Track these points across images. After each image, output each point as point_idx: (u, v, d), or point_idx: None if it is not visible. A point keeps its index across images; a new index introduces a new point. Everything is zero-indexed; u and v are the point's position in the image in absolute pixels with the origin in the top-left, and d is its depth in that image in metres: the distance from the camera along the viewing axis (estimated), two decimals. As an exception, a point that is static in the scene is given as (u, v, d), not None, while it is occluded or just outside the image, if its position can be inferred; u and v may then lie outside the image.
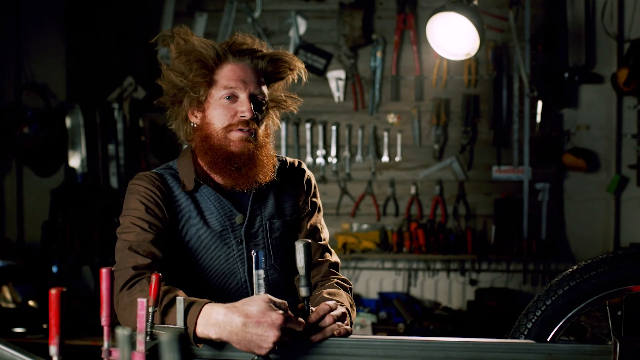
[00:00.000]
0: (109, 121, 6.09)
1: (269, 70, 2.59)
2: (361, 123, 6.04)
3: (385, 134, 6.02)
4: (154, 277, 1.99)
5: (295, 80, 2.71)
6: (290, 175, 2.75)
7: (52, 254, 5.81)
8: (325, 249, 2.75)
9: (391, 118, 6.01)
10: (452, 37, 5.04)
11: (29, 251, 5.95)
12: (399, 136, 6.02)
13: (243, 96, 2.48)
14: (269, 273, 2.58)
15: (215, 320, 2.02)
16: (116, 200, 5.99)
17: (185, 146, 2.74)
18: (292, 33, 5.97)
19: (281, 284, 2.56)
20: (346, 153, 6.03)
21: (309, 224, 2.73)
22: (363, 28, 5.90)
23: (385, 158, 6.03)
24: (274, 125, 2.69)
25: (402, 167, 6.05)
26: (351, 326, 2.33)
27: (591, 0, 5.87)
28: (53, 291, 1.51)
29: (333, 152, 6.03)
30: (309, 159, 5.99)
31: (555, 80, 5.80)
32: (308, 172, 2.83)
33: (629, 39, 5.73)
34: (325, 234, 2.80)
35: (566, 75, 5.76)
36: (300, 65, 2.66)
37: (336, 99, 6.00)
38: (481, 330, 5.41)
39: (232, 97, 2.48)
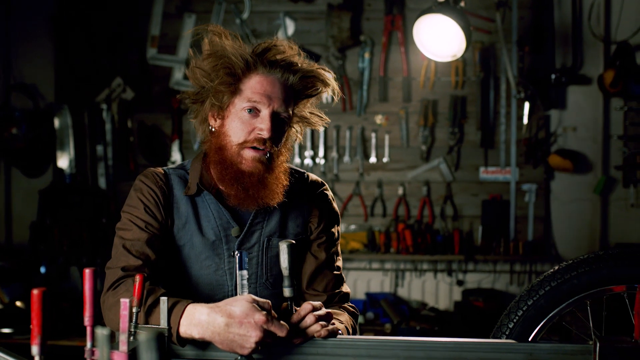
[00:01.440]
0: (97, 122, 6.10)
1: (299, 87, 2.49)
2: (349, 124, 6.06)
3: (373, 135, 6.03)
4: (137, 278, 1.99)
5: (329, 100, 2.65)
6: (307, 193, 2.67)
7: (40, 254, 5.81)
8: (339, 279, 2.69)
9: (379, 119, 6.02)
10: (439, 39, 5.07)
11: (17, 252, 5.95)
12: (386, 137, 6.04)
13: (265, 113, 2.39)
14: (258, 291, 2.52)
15: (198, 320, 2.02)
16: (105, 201, 6.00)
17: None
18: (280, 34, 5.98)
19: (272, 305, 2.48)
20: (334, 154, 6.04)
21: (326, 253, 2.66)
22: (351, 29, 5.92)
23: (373, 159, 6.04)
24: (298, 140, 2.64)
25: (390, 168, 6.07)
26: None
27: (578, 2, 5.89)
28: (35, 291, 1.52)
29: (321, 153, 6.04)
30: (297, 160, 6.00)
31: (542, 82, 5.83)
32: (330, 196, 2.73)
33: (615, 41, 5.75)
34: (340, 262, 2.73)
35: (553, 76, 5.78)
36: (334, 85, 2.55)
37: (324, 100, 5.97)
38: (468, 331, 5.42)
39: (254, 111, 2.39)
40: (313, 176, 2.75)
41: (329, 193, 2.74)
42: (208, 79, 2.42)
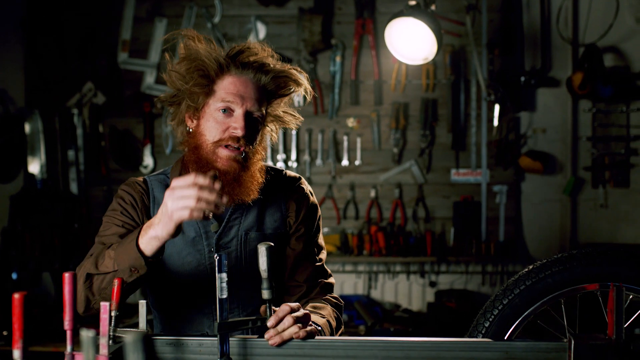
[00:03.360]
0: (68, 127, 6.06)
1: (271, 87, 2.55)
2: (321, 127, 6.07)
3: (345, 138, 6.06)
4: (116, 282, 2.00)
5: (302, 103, 2.68)
6: (284, 189, 2.72)
7: (11, 260, 5.76)
8: (320, 271, 2.73)
9: (351, 122, 6.05)
10: (410, 42, 5.08)
11: (-12, 258, 5.90)
12: (358, 140, 6.06)
13: (239, 112, 2.45)
14: (240, 285, 2.56)
15: (150, 222, 2.21)
16: (76, 206, 5.97)
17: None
18: (251, 38, 5.98)
19: (254, 297, 2.55)
20: (306, 157, 6.05)
21: (305, 247, 2.71)
22: (322, 33, 5.94)
23: (345, 162, 6.06)
24: (272, 139, 2.68)
25: (362, 171, 6.09)
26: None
27: (547, 5, 5.95)
28: (16, 295, 1.52)
29: (293, 156, 6.05)
30: (270, 163, 5.96)
31: (512, 84, 5.87)
32: (307, 190, 2.78)
33: (583, 43, 5.81)
34: (323, 254, 2.79)
35: (523, 79, 5.83)
36: (306, 84, 2.62)
37: (296, 104, 5.95)
38: (441, 331, 5.45)
39: (228, 111, 2.45)
40: (290, 172, 2.81)
41: (306, 186, 2.80)
42: (183, 81, 2.47)
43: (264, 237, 2.61)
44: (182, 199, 2.07)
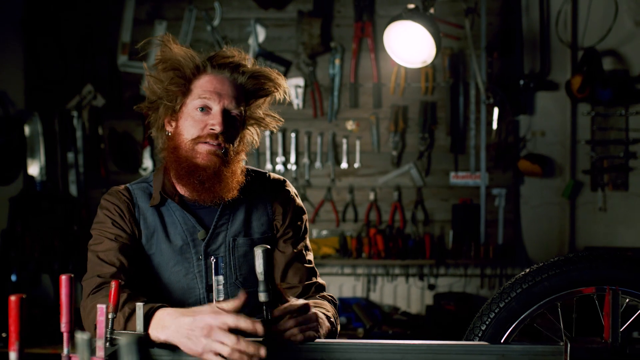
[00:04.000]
0: (68, 129, 6.06)
1: (249, 87, 2.55)
2: (320, 130, 6.08)
3: (344, 140, 6.06)
4: (113, 284, 2.00)
5: (281, 100, 2.69)
6: (269, 192, 2.71)
7: (11, 262, 5.76)
8: (312, 272, 2.73)
9: (350, 125, 6.05)
10: (409, 45, 5.08)
11: (-13, 260, 5.90)
12: (357, 143, 6.06)
13: (216, 109, 2.45)
14: (229, 291, 2.55)
15: (162, 322, 2.07)
16: (76, 208, 5.97)
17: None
18: (251, 41, 5.99)
19: (245, 303, 2.55)
20: (305, 160, 6.06)
21: (294, 249, 2.69)
22: (322, 36, 5.94)
23: (344, 164, 6.06)
24: (255, 143, 2.68)
25: (361, 174, 6.09)
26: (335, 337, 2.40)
27: (546, 8, 5.96)
28: (13, 297, 1.53)
29: (292, 159, 6.05)
30: (269, 166, 6.00)
31: (511, 87, 5.88)
32: (292, 192, 2.77)
33: (582, 47, 5.82)
34: (311, 256, 2.77)
35: (522, 82, 5.83)
36: (284, 85, 2.62)
37: (295, 106, 6.03)
38: (440, 334, 5.44)
39: (205, 109, 2.45)
40: (274, 175, 2.79)
41: (291, 189, 2.79)
42: (160, 84, 2.49)
43: (252, 242, 2.60)
44: (217, 343, 1.95)
